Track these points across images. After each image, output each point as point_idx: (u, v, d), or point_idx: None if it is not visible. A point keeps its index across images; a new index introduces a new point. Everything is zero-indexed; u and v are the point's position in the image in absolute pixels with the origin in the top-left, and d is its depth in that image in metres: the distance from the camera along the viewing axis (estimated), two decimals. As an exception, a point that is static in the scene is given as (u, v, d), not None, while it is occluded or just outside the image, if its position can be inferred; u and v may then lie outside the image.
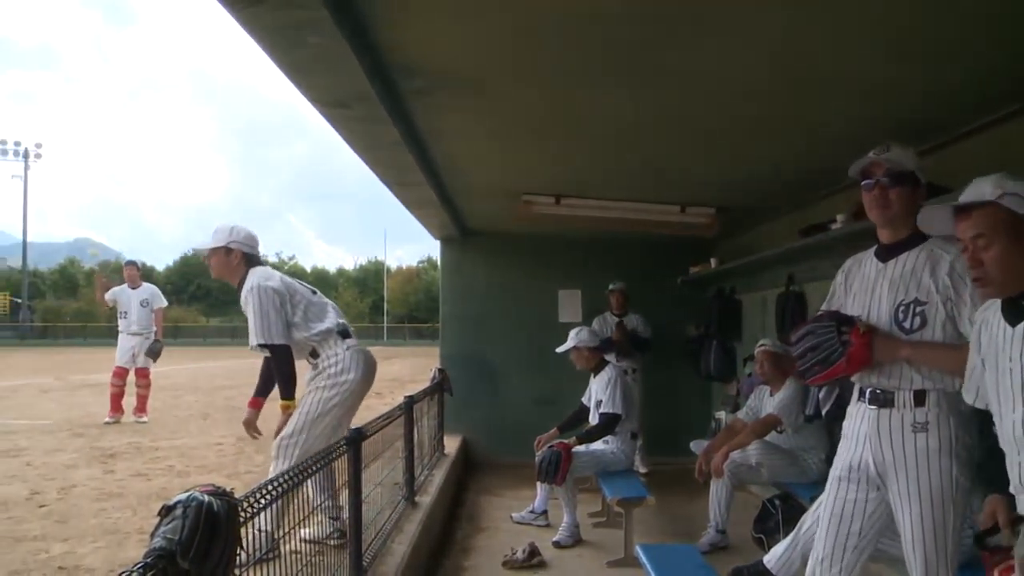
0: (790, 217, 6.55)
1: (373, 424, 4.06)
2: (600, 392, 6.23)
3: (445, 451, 7.72)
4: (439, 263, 10.10)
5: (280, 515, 2.86)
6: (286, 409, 4.42)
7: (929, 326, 2.80)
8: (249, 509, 2.18)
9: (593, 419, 6.28)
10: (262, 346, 4.39)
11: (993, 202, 2.23)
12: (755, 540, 5.18)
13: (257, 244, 4.71)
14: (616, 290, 8.38)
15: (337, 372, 4.52)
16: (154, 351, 11.27)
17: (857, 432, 2.98)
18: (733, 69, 3.59)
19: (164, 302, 11.65)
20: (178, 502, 1.89)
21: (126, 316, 11.18)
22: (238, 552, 2.04)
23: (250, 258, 4.61)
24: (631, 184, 6.43)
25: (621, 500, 5.35)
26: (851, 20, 2.99)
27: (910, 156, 2.93)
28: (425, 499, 5.62)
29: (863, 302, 2.99)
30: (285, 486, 2.54)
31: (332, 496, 4.02)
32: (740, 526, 5.50)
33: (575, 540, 5.78)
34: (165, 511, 1.88)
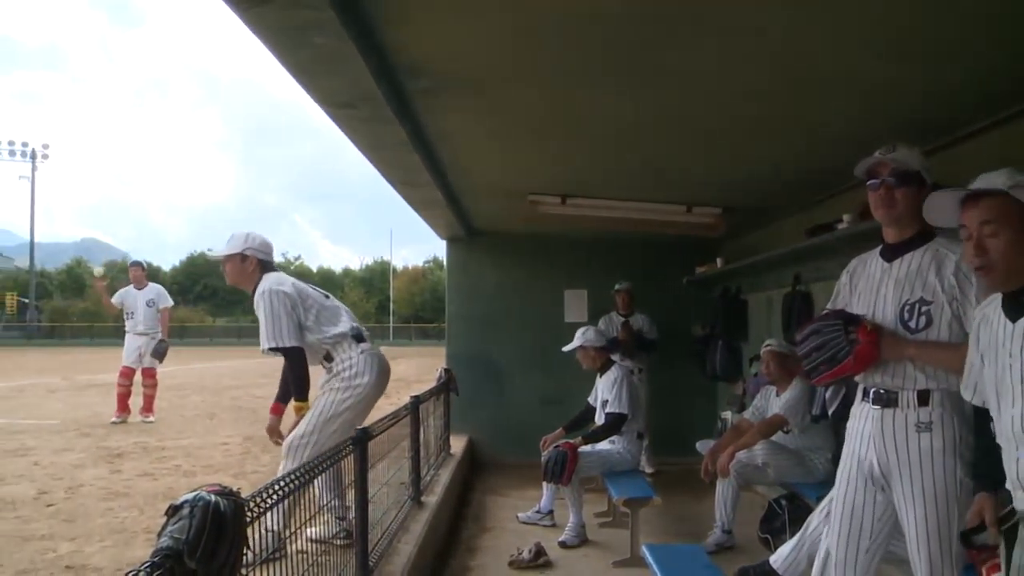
0: (796, 217, 6.53)
1: (379, 424, 4.06)
2: (606, 392, 6.23)
3: (451, 451, 7.72)
4: (445, 263, 10.08)
5: (288, 515, 2.87)
6: (299, 411, 4.42)
7: (935, 326, 2.80)
8: (256, 509, 2.18)
9: (599, 419, 6.28)
10: (274, 349, 4.39)
11: (1004, 192, 2.23)
12: (761, 540, 5.19)
13: (271, 251, 4.71)
14: (622, 290, 8.37)
15: (351, 375, 4.52)
16: (159, 352, 11.27)
17: (861, 432, 2.97)
18: (733, 69, 3.58)
19: (170, 302, 11.65)
20: (185, 502, 1.89)
21: (132, 316, 11.21)
22: (245, 552, 2.04)
23: (265, 265, 4.61)
24: (636, 184, 6.42)
25: (627, 500, 5.35)
26: (851, 20, 2.98)
27: (916, 156, 2.92)
28: (431, 499, 5.62)
29: (868, 302, 2.99)
30: (292, 486, 2.55)
31: (339, 496, 4.02)
32: (746, 526, 5.50)
33: (581, 540, 5.78)
34: (172, 511, 1.89)
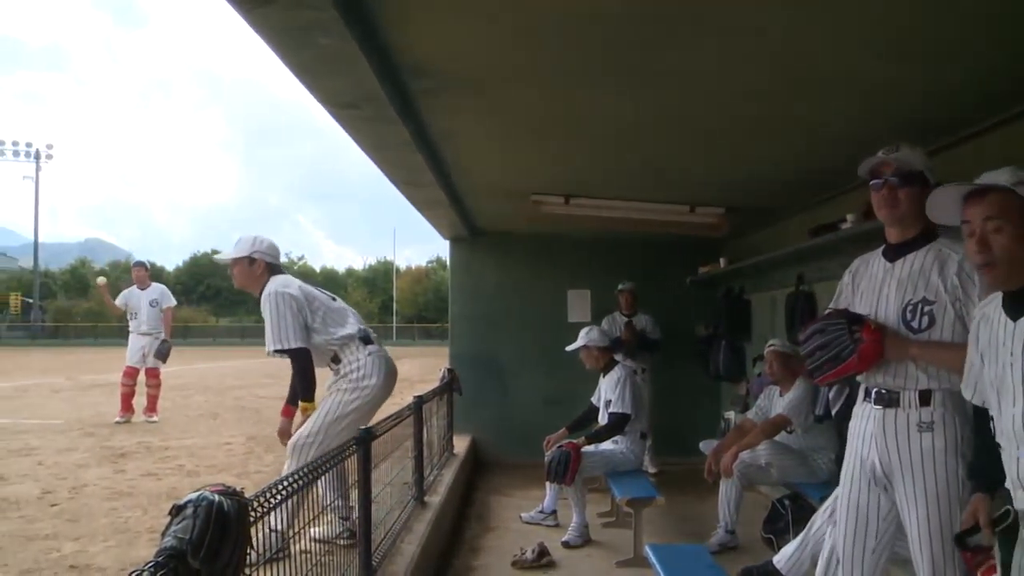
0: (799, 217, 6.53)
1: (383, 424, 4.06)
2: (609, 392, 6.22)
3: (454, 451, 7.72)
4: (448, 263, 10.10)
5: (292, 514, 2.87)
6: (306, 411, 4.42)
7: (937, 326, 2.79)
8: (259, 509, 2.19)
9: (602, 419, 6.28)
10: (279, 351, 4.39)
11: (1009, 188, 2.22)
12: (764, 540, 5.18)
13: (279, 254, 4.73)
14: (625, 290, 8.36)
15: (359, 377, 4.52)
16: (162, 352, 11.24)
17: (863, 432, 2.97)
18: (734, 69, 3.57)
19: (173, 301, 11.66)
20: (189, 502, 1.90)
21: (136, 317, 11.21)
22: (248, 552, 2.05)
23: (273, 268, 4.62)
24: (639, 184, 6.42)
25: (630, 500, 5.35)
26: (851, 20, 2.98)
27: (919, 156, 2.92)
28: (434, 499, 5.62)
29: (870, 302, 2.98)
30: (295, 486, 2.55)
31: (343, 496, 4.03)
32: (749, 526, 5.50)
33: (584, 540, 5.77)
34: (176, 511, 1.89)
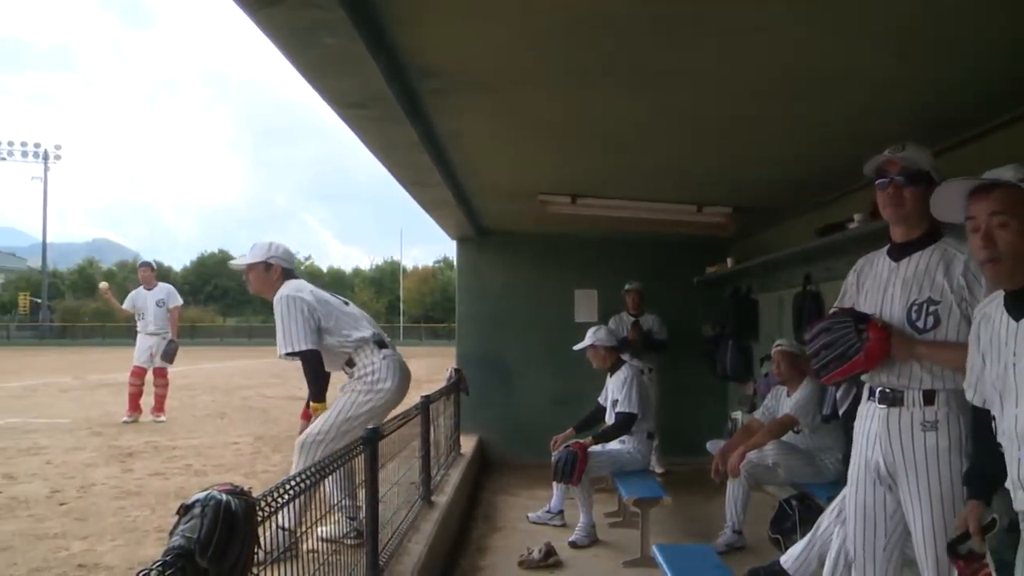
0: (807, 216, 6.51)
1: (390, 424, 4.07)
2: (616, 391, 6.22)
3: (461, 451, 7.73)
4: (455, 263, 10.09)
5: (301, 513, 2.88)
6: (316, 411, 4.44)
7: (942, 326, 2.78)
8: (267, 508, 2.19)
9: (609, 419, 6.27)
10: (290, 354, 4.39)
11: (1015, 184, 2.21)
12: (772, 540, 5.17)
13: (293, 259, 4.77)
14: (632, 290, 8.35)
15: (374, 380, 4.53)
16: (168, 353, 11.24)
17: (867, 432, 2.97)
18: (738, 69, 3.57)
19: (179, 301, 11.67)
20: (196, 501, 1.90)
21: (143, 317, 11.24)
22: (256, 551, 2.05)
23: (287, 273, 4.65)
24: (645, 184, 6.41)
25: (637, 500, 5.34)
26: (853, 18, 2.97)
27: (925, 156, 2.91)
28: (441, 499, 5.62)
29: (875, 301, 2.97)
30: (302, 485, 2.55)
31: (350, 495, 4.03)
32: (757, 526, 5.49)
33: (591, 540, 5.77)
34: (184, 510, 1.89)
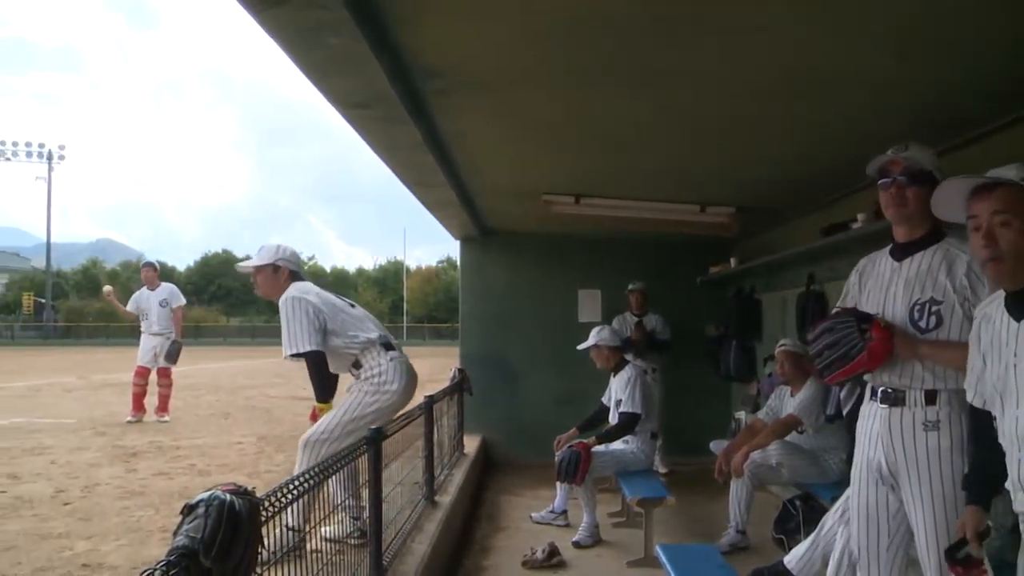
0: (811, 216, 6.50)
1: (393, 423, 4.07)
2: (620, 391, 6.22)
3: (465, 451, 7.73)
4: (459, 263, 10.09)
5: (307, 511, 2.89)
6: (322, 412, 4.44)
7: (945, 326, 2.78)
8: (270, 508, 2.19)
9: (613, 419, 6.27)
10: (295, 356, 4.40)
11: (1017, 183, 2.21)
12: (775, 541, 5.17)
13: (300, 262, 4.79)
14: (635, 290, 8.35)
15: (381, 382, 4.52)
16: (172, 353, 11.21)
17: (869, 432, 2.97)
18: (739, 69, 3.57)
19: (182, 300, 11.64)
20: (200, 501, 1.90)
21: (147, 318, 11.22)
22: (260, 551, 2.05)
23: (295, 275, 4.66)
24: (649, 184, 6.41)
25: (641, 500, 5.34)
26: (852, 18, 2.97)
27: (928, 156, 2.91)
28: (445, 499, 5.63)
29: (877, 301, 2.97)
30: (306, 485, 2.55)
31: (354, 495, 4.03)
32: (760, 526, 5.49)
33: (595, 540, 5.77)
34: (187, 510, 1.89)
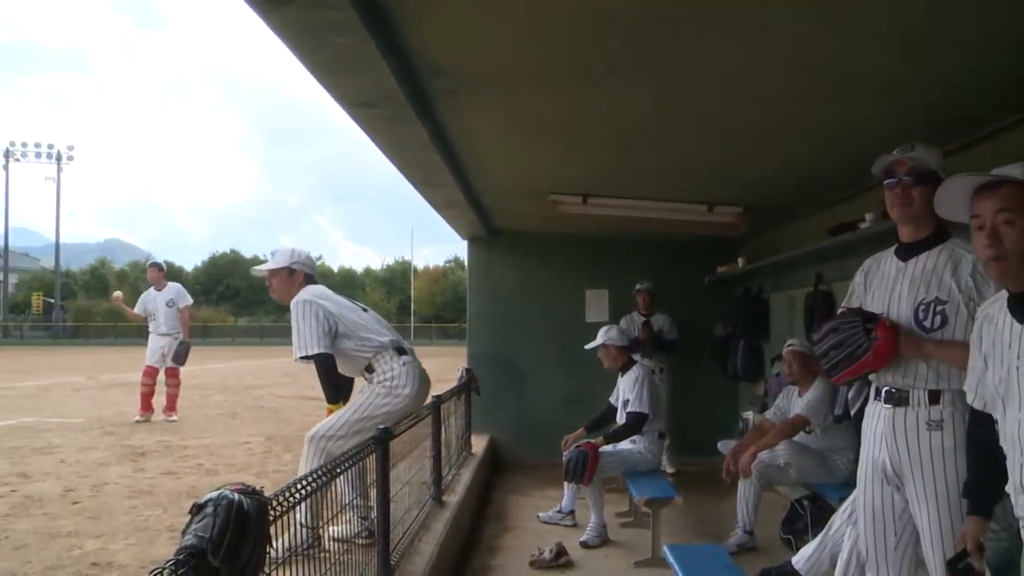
0: (818, 216, 6.48)
1: (401, 423, 4.08)
2: (627, 391, 6.21)
3: (472, 451, 7.73)
4: (466, 263, 10.10)
5: (319, 509, 2.90)
6: (330, 413, 4.45)
7: (950, 325, 2.78)
8: (278, 508, 2.19)
9: (620, 419, 6.26)
10: (305, 358, 4.41)
11: (1021, 181, 2.18)
12: (783, 541, 5.15)
13: (315, 265, 4.82)
14: (643, 290, 8.35)
15: (393, 385, 4.52)
16: (179, 354, 11.23)
17: (874, 431, 2.97)
18: (745, 67, 3.56)
19: (189, 300, 11.67)
20: (209, 500, 1.90)
21: (155, 318, 11.26)
22: (268, 550, 2.05)
23: (309, 279, 4.68)
24: (656, 183, 6.39)
25: (648, 500, 5.33)
26: (857, 16, 2.96)
27: (934, 156, 2.91)
28: (452, 498, 5.63)
29: (883, 300, 2.98)
30: (314, 485, 2.56)
31: (362, 495, 4.03)
32: (768, 527, 5.47)
33: (602, 540, 5.77)
34: (196, 509, 1.90)
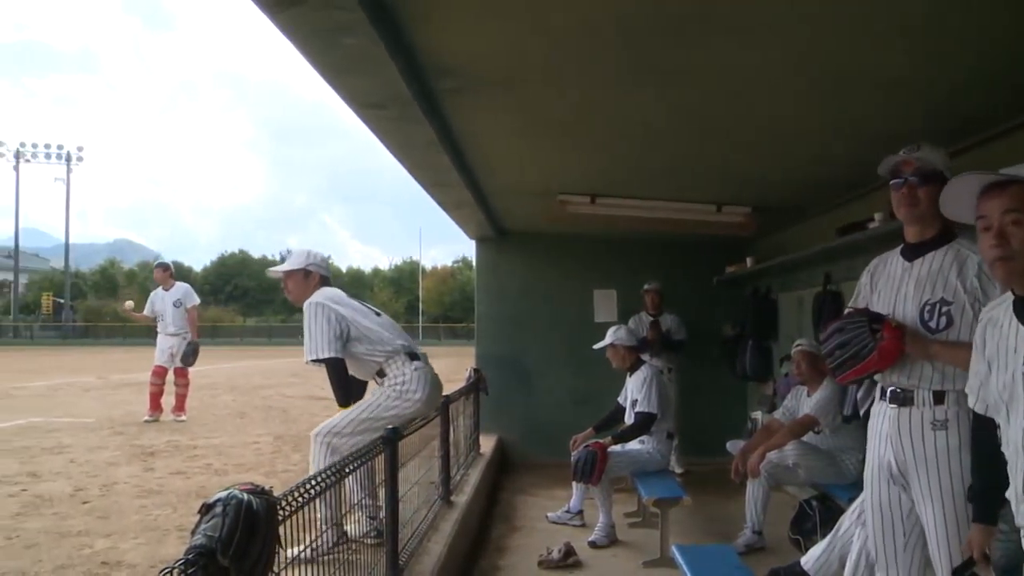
0: (827, 216, 6.47)
1: (410, 424, 4.08)
2: (636, 391, 6.20)
3: (480, 451, 7.73)
4: (474, 263, 10.11)
5: (337, 505, 2.90)
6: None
7: (955, 326, 2.77)
8: (287, 507, 2.20)
9: (628, 419, 6.26)
10: (315, 361, 4.41)
11: None
12: (792, 541, 5.14)
13: (330, 268, 4.84)
14: (651, 290, 8.34)
15: (404, 389, 4.51)
16: (187, 354, 11.24)
17: (879, 432, 2.97)
18: (753, 67, 3.56)
19: (196, 300, 11.65)
20: (218, 500, 1.90)
21: (163, 318, 11.28)
22: (277, 550, 2.06)
23: (324, 281, 4.69)
24: (665, 183, 6.39)
25: (657, 500, 5.33)
26: (866, 14, 2.96)
27: (940, 156, 2.91)
28: (461, 498, 5.63)
29: (888, 301, 2.97)
30: (323, 485, 2.56)
31: (371, 494, 4.04)
32: (777, 527, 5.46)
33: (611, 540, 5.76)
34: (205, 509, 1.90)
